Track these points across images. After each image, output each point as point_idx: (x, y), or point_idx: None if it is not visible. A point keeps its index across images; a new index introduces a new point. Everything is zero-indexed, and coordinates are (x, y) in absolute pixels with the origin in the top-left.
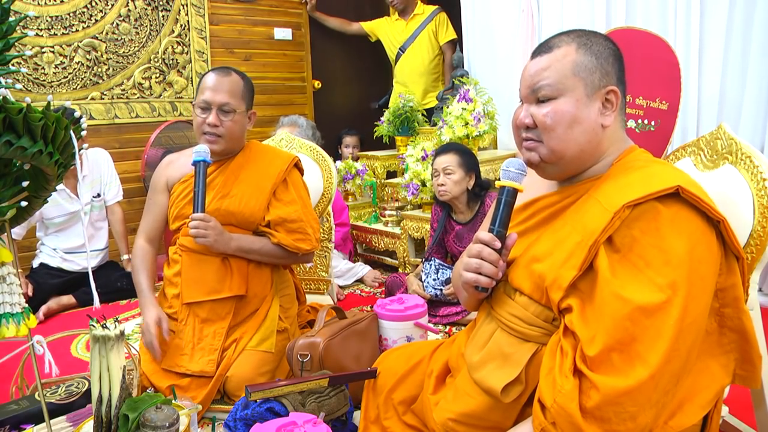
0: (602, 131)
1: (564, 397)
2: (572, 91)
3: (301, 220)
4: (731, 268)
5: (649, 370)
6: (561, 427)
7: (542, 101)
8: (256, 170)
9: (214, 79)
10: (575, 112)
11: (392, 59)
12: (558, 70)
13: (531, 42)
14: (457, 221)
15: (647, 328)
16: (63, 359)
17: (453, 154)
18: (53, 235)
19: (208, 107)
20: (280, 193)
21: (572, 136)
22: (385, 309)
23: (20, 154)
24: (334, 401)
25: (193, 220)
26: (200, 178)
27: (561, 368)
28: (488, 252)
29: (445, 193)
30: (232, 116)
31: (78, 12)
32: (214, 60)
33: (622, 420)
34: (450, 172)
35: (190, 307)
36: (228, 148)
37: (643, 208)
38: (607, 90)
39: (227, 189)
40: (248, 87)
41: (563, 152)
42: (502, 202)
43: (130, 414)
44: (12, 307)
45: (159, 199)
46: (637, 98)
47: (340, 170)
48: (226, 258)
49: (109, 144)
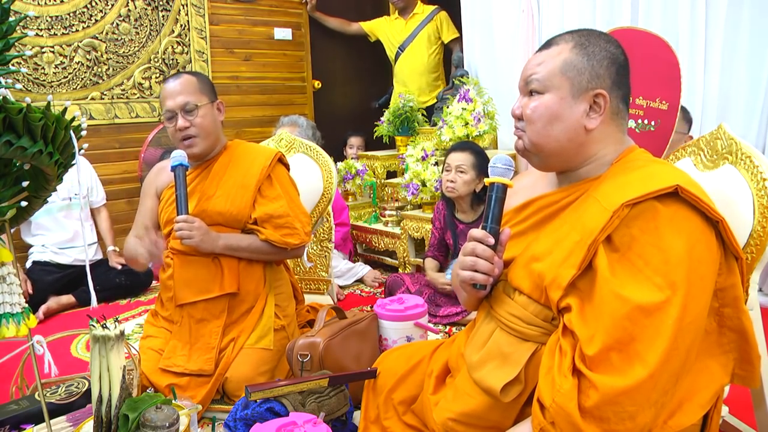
0: (585, 133)
1: (563, 397)
2: (558, 89)
3: (288, 215)
4: (730, 268)
5: (648, 370)
6: (560, 427)
7: (532, 94)
8: (240, 169)
9: (167, 87)
10: (556, 110)
11: (392, 58)
12: (548, 67)
13: (531, 42)
14: (460, 220)
15: (646, 328)
16: (63, 359)
17: (469, 154)
18: (39, 235)
19: (174, 114)
20: (265, 189)
21: (551, 132)
22: (385, 309)
23: (20, 154)
24: (334, 401)
25: (177, 222)
26: (180, 181)
27: (560, 368)
28: (482, 249)
29: (453, 191)
30: (197, 112)
31: (78, 12)
32: (214, 60)
33: (621, 420)
34: (463, 171)
35: (184, 308)
36: (208, 146)
37: (642, 207)
38: (595, 93)
39: (213, 190)
40: (203, 81)
41: (542, 146)
42: (493, 198)
43: (130, 414)
44: (12, 307)
45: (148, 204)
46: (637, 98)
47: (340, 170)
48: (216, 257)
49: (109, 144)
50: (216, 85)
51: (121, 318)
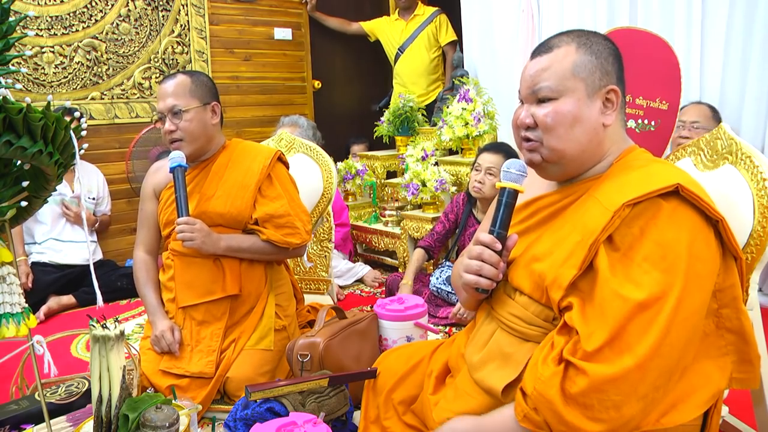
0: (603, 130)
1: (543, 384)
2: (573, 91)
3: (289, 214)
4: (729, 269)
5: (635, 360)
6: (542, 414)
7: (543, 101)
8: (240, 169)
9: (161, 87)
10: (576, 112)
11: (391, 59)
12: (558, 71)
13: (531, 42)
14: (477, 219)
15: (640, 320)
16: (63, 359)
17: (502, 157)
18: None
19: (164, 116)
20: (265, 189)
21: (573, 136)
22: (385, 309)
23: (20, 154)
24: (334, 401)
25: (178, 224)
26: (179, 182)
27: (545, 358)
28: (489, 254)
29: (480, 191)
30: (183, 116)
31: (78, 12)
32: (214, 60)
33: (605, 408)
34: (493, 173)
35: (185, 311)
36: (197, 149)
37: (642, 207)
38: (608, 89)
39: (212, 190)
40: (198, 82)
41: (564, 152)
42: (503, 203)
43: (130, 414)
44: (12, 307)
45: (148, 208)
46: (637, 98)
47: (340, 170)
48: (218, 259)
49: (109, 144)
50: (216, 85)
51: (121, 318)
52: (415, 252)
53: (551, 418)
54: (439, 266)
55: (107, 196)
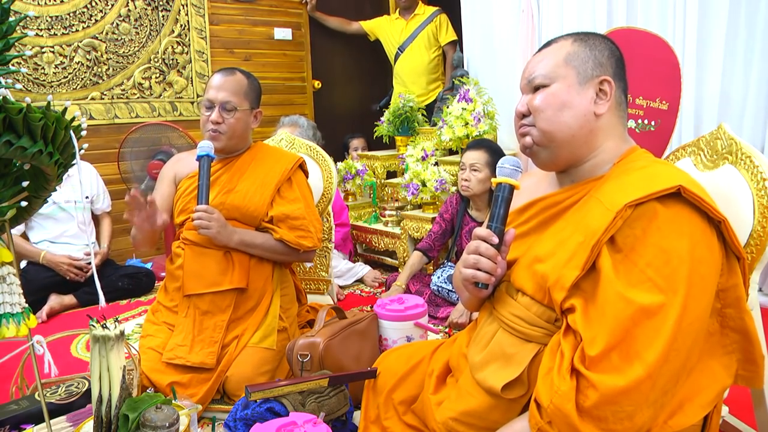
0: (595, 119)
1: (560, 398)
2: (564, 77)
3: (304, 218)
4: (732, 269)
5: (646, 369)
6: (557, 427)
7: (537, 89)
8: (262, 167)
9: (219, 78)
10: (565, 97)
11: (391, 59)
12: (552, 60)
13: (531, 42)
14: (472, 218)
15: (646, 328)
16: (63, 359)
17: (483, 152)
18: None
19: (212, 105)
20: (285, 191)
21: (562, 119)
22: (385, 309)
23: (20, 154)
24: (334, 401)
25: (197, 212)
26: (204, 171)
27: (559, 369)
28: (485, 247)
29: (468, 189)
30: (234, 114)
31: (78, 12)
32: (214, 60)
33: (619, 419)
34: (476, 169)
35: (190, 300)
36: (230, 145)
37: (644, 208)
38: (601, 79)
39: (233, 184)
40: (252, 86)
41: (553, 134)
42: (500, 198)
43: (130, 414)
44: (12, 307)
45: (164, 189)
46: (637, 98)
47: (340, 170)
48: (228, 251)
49: (109, 144)
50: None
51: (121, 318)
52: (412, 255)
53: (566, 431)
54: (441, 266)
55: (104, 192)
